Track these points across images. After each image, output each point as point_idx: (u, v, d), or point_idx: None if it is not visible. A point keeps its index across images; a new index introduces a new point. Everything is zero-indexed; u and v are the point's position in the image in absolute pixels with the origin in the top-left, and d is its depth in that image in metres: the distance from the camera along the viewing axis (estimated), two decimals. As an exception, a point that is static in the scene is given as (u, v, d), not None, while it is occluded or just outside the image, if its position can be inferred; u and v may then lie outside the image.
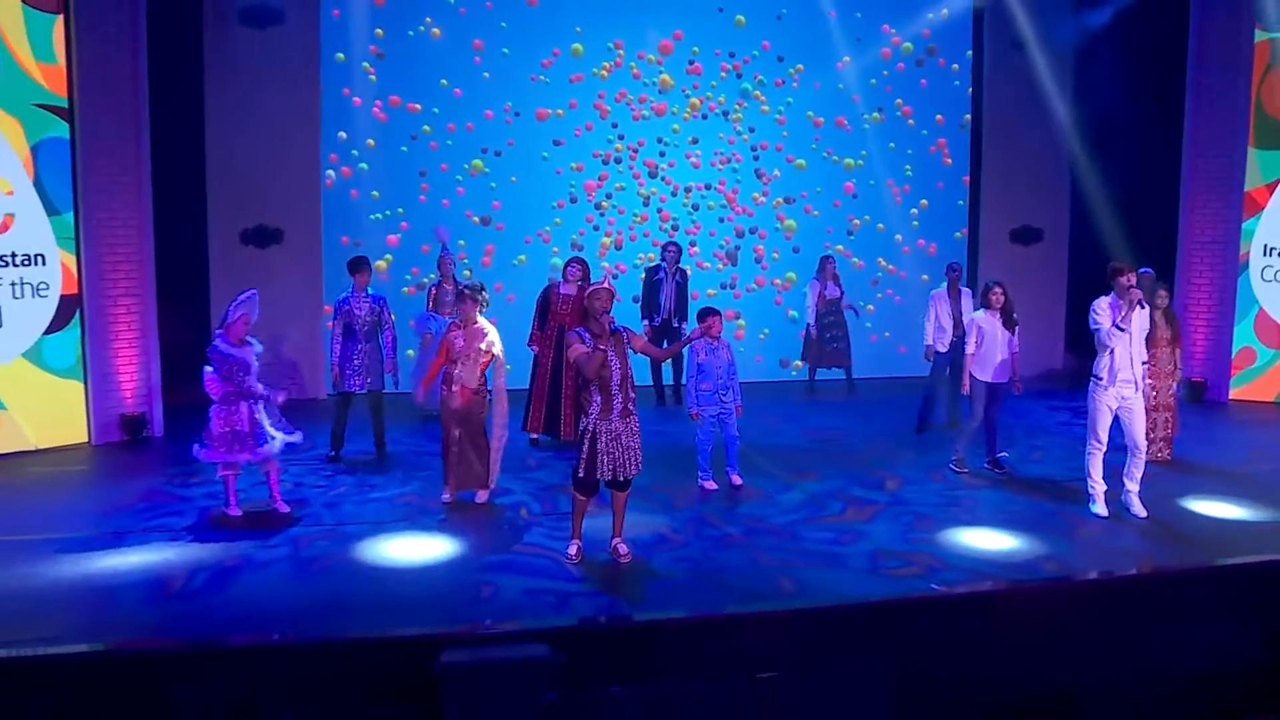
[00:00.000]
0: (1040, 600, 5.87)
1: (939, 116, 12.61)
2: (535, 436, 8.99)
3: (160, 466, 8.36)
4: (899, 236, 12.61)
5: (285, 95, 10.63)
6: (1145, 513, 7.02)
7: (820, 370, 11.97)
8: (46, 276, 8.72)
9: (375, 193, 11.20)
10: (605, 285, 6.13)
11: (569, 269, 8.80)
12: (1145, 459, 7.19)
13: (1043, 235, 12.60)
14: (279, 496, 7.11)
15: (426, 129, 11.35)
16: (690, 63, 12.04)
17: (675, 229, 12.01)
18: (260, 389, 6.89)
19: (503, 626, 5.24)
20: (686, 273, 10.94)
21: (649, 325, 10.60)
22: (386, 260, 11.13)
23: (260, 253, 10.78)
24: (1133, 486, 7.08)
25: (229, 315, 6.96)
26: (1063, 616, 5.81)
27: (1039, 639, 5.71)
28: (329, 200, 11.02)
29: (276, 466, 7.13)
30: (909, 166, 12.60)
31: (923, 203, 12.64)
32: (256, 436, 6.87)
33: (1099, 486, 7.10)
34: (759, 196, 12.39)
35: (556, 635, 5.04)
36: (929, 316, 9.47)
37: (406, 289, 11.15)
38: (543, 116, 11.63)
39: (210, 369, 6.90)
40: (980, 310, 8.17)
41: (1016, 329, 8.06)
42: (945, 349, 9.37)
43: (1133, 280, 6.86)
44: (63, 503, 7.49)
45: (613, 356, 6.03)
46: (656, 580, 6.03)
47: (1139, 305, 6.90)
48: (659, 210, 12.17)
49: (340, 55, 10.98)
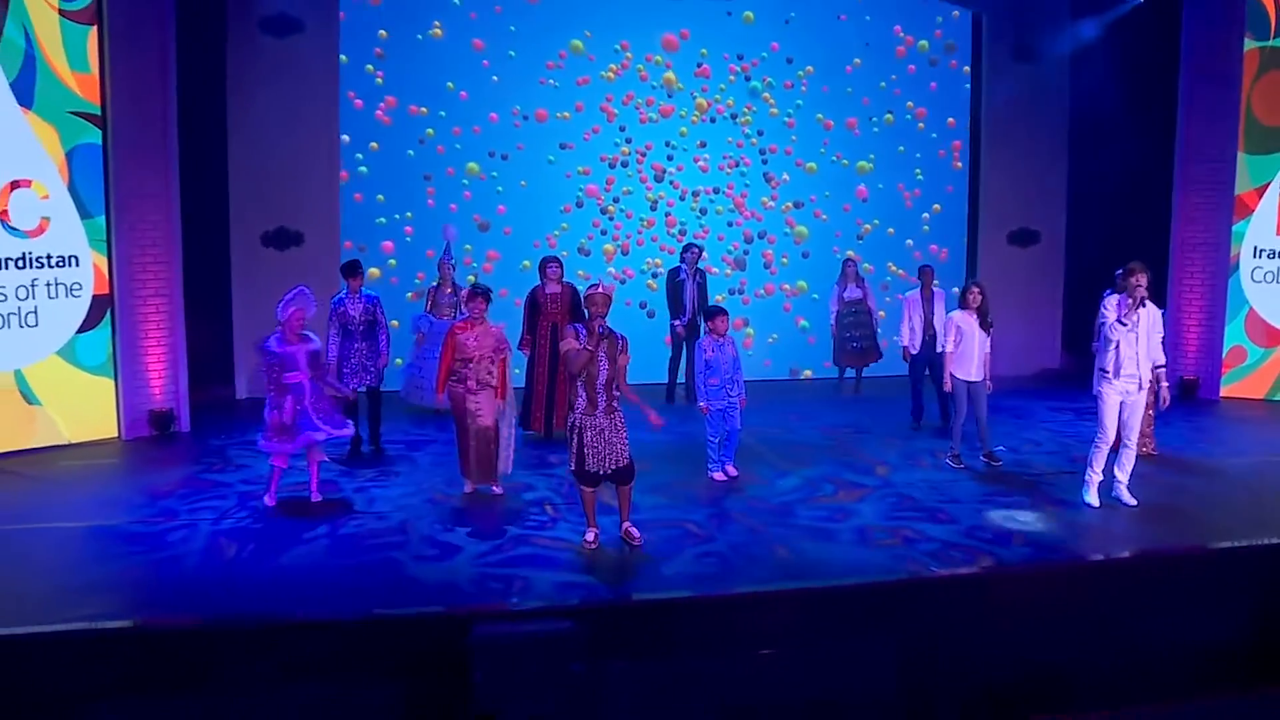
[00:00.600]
0: (1036, 581, 6.21)
1: (950, 120, 12.82)
2: (523, 430, 9.21)
3: (190, 459, 8.67)
4: (910, 241, 12.80)
5: (304, 101, 10.97)
6: (1135, 502, 7.34)
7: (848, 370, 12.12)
8: (79, 277, 9.05)
9: (380, 196, 11.46)
10: (600, 290, 6.44)
11: (549, 269, 9.05)
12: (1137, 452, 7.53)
13: (1040, 237, 12.91)
14: (316, 487, 7.43)
15: (430, 132, 11.56)
16: (698, 65, 12.17)
17: (683, 234, 12.17)
18: (306, 383, 7.18)
19: (528, 604, 5.55)
20: (705, 273, 11.22)
21: (679, 324, 10.87)
22: (382, 270, 11.36)
23: (280, 254, 11.11)
24: (1123, 478, 7.39)
25: (280, 314, 7.25)
26: (1057, 597, 6.17)
27: (1034, 618, 6.07)
28: (347, 204, 11.35)
29: (319, 458, 7.45)
30: (919, 170, 12.80)
31: (935, 207, 12.83)
32: (300, 426, 7.17)
33: (1095, 477, 7.38)
34: (768, 201, 12.56)
35: (579, 612, 5.40)
36: (904, 319, 9.78)
37: (410, 294, 11.17)
38: (542, 117, 11.75)
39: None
40: (957, 310, 8.48)
41: (990, 329, 8.37)
42: (917, 350, 9.70)
43: (1141, 280, 7.12)
44: (102, 493, 7.81)
45: (601, 357, 6.35)
46: (668, 561, 6.34)
47: (1142, 304, 7.18)
48: (666, 215, 12.33)
49: (344, 57, 11.23)
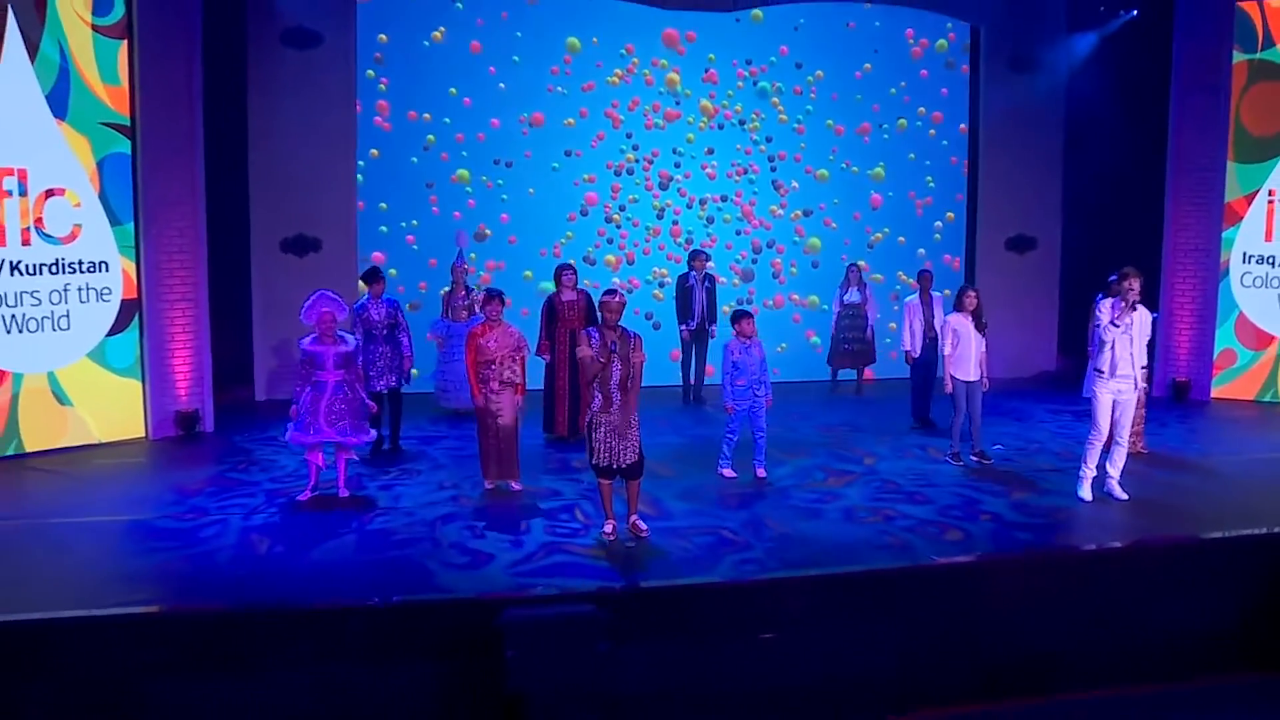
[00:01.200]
0: (1030, 569, 6.53)
1: (962, 126, 13.02)
2: (546, 434, 9.56)
3: (216, 459, 8.97)
4: (922, 250, 12.88)
5: (323, 112, 11.28)
6: (1126, 496, 7.67)
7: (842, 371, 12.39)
8: (109, 282, 9.37)
9: (383, 204, 11.66)
10: (617, 298, 6.80)
11: (564, 276, 9.32)
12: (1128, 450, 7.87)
13: (1036, 243, 13.22)
14: (343, 484, 7.74)
15: (431, 139, 11.72)
16: (706, 70, 12.21)
17: (689, 243, 12.25)
18: (331, 384, 7.49)
19: (554, 589, 5.88)
20: (715, 279, 11.47)
21: (685, 329, 11.14)
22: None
23: (299, 260, 11.42)
24: (1114, 474, 7.72)
25: (304, 318, 7.60)
26: (1052, 585, 6.49)
27: (1029, 605, 6.40)
28: (364, 211, 11.67)
29: (346, 455, 7.76)
30: (930, 178, 12.95)
31: (949, 215, 13.02)
32: (315, 422, 7.48)
33: (1089, 473, 7.70)
34: (776, 209, 12.65)
35: (603, 597, 5.72)
36: (905, 323, 10.07)
37: (410, 304, 11.22)
38: (538, 121, 11.83)
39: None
40: (955, 313, 8.81)
41: (985, 330, 8.72)
42: (918, 353, 9.99)
43: (1134, 285, 7.45)
44: (134, 490, 8.13)
45: (615, 361, 6.68)
46: (677, 548, 6.68)
47: (1134, 308, 7.52)
48: (674, 223, 12.39)
49: (370, 73, 11.55)
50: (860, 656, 6.01)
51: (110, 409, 9.44)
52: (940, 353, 8.91)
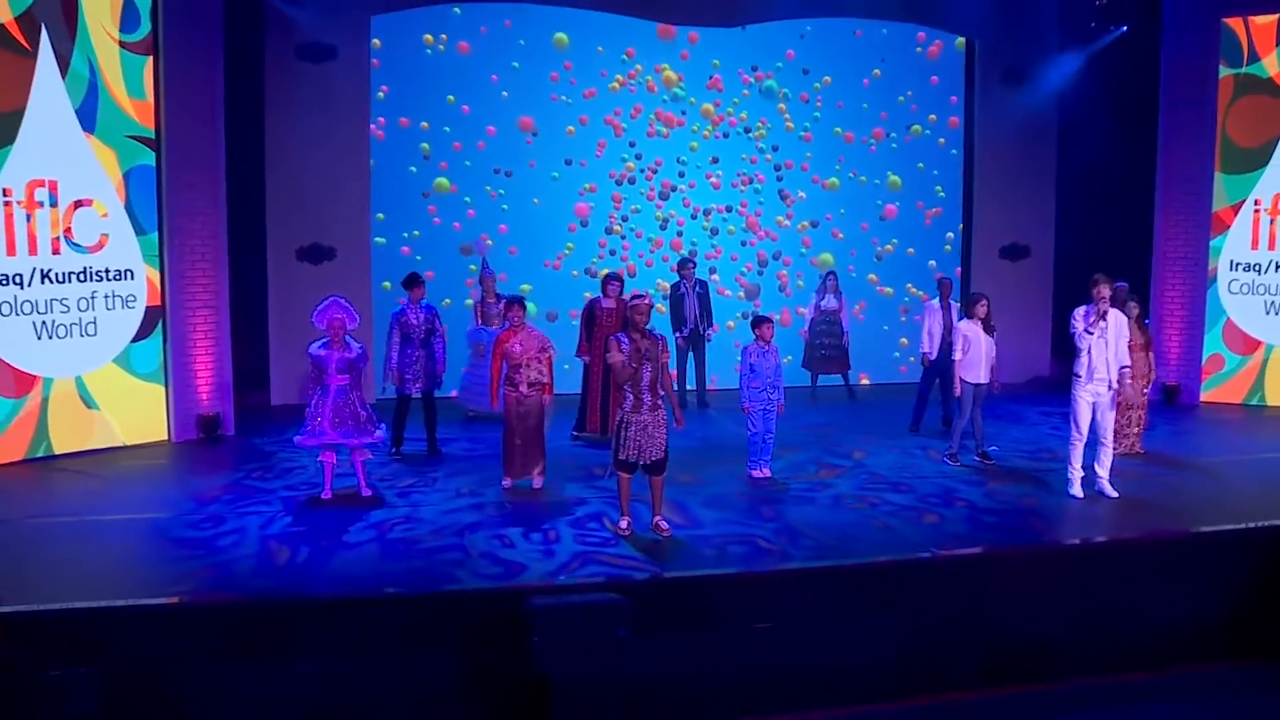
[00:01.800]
0: (1027, 564, 6.86)
1: (941, 140, 13.23)
2: (576, 434, 9.93)
3: (238, 461, 9.25)
4: (933, 262, 13.04)
5: (337, 124, 11.57)
6: (1116, 494, 8.01)
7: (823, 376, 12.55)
8: (134, 290, 9.67)
9: (380, 215, 11.85)
10: (646, 301, 7.14)
11: (608, 286, 9.71)
12: (1121, 451, 8.21)
13: (1030, 252, 13.53)
14: (364, 483, 8.05)
15: (425, 147, 11.86)
16: (710, 76, 12.15)
17: (693, 255, 12.14)
18: (334, 387, 7.77)
19: (576, 578, 6.19)
20: (706, 283, 11.62)
21: (679, 336, 11.37)
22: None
23: (314, 269, 11.73)
24: (1103, 473, 8.07)
25: (315, 322, 7.91)
26: (1046, 578, 6.83)
27: (1026, 597, 6.73)
28: (377, 221, 11.99)
29: (363, 456, 8.06)
30: (940, 187, 13.11)
31: (962, 226, 13.24)
32: (319, 426, 7.79)
33: (1077, 472, 8.06)
34: (783, 220, 12.69)
35: (622, 587, 6.04)
36: (924, 327, 10.42)
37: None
38: (526, 125, 11.85)
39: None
40: (965, 320, 9.18)
41: (994, 334, 9.08)
42: (935, 356, 10.29)
43: (1104, 292, 7.83)
44: (162, 490, 8.43)
45: (646, 364, 7.01)
46: (689, 544, 7.01)
47: (1104, 317, 7.85)
48: (678, 234, 12.37)
49: (382, 92, 11.75)
50: (865, 645, 6.34)
51: (135, 412, 9.73)
52: (952, 357, 9.26)
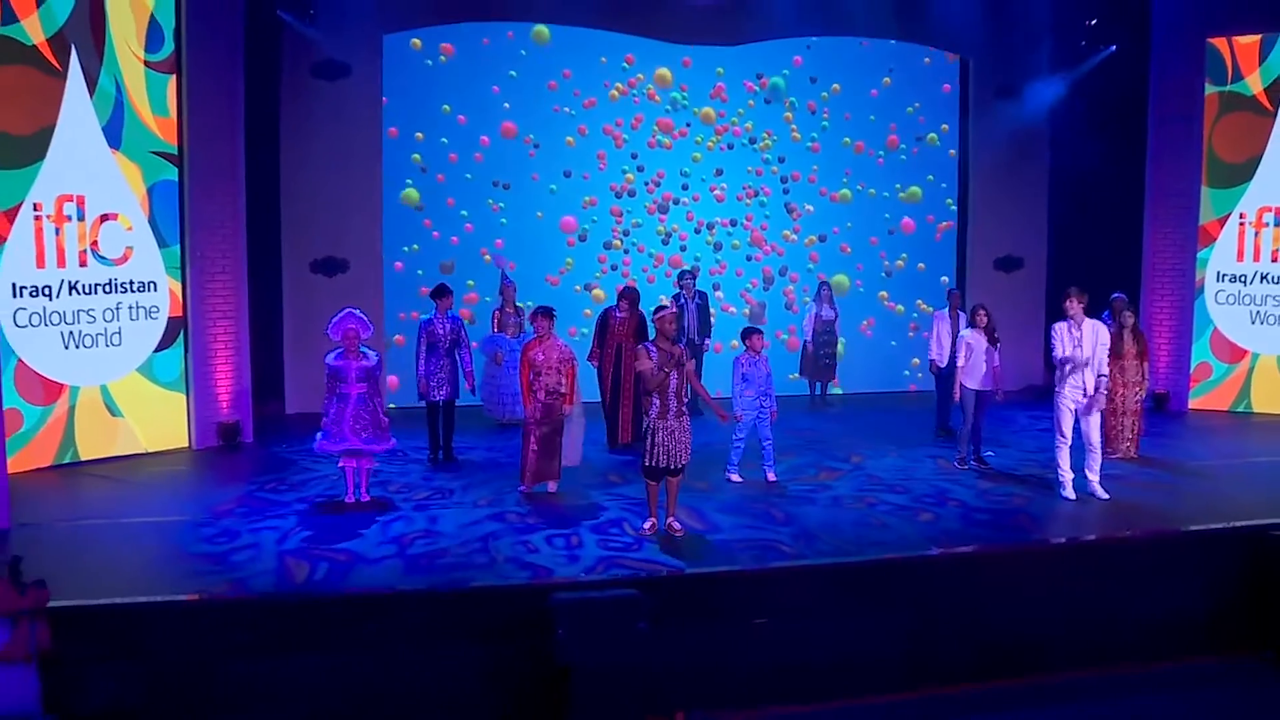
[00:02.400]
0: (1022, 562, 7.20)
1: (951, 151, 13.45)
2: (610, 447, 10.14)
3: (258, 468, 9.52)
4: (945, 278, 13.16)
5: (350, 140, 11.91)
6: (1107, 496, 8.36)
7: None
8: (157, 301, 9.97)
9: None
10: (671, 310, 7.50)
11: (622, 300, 10.15)
12: (1117, 456, 8.68)
13: (1023, 263, 13.85)
14: (364, 488, 8.28)
15: (416, 158, 12.04)
16: (714, 84, 12.10)
17: (695, 270, 12.07)
18: (354, 396, 8.06)
19: (597, 575, 6.51)
20: (706, 294, 11.78)
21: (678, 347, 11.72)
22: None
23: (328, 280, 12.03)
24: (1093, 476, 8.43)
25: (330, 333, 8.21)
26: (1036, 573, 7.16)
27: (1021, 593, 7.06)
28: (389, 234, 12.30)
29: (368, 465, 8.31)
30: (951, 200, 13.29)
31: (957, 237, 13.41)
32: (342, 432, 8.08)
33: (1066, 475, 8.41)
34: (789, 234, 12.69)
35: (642, 584, 6.36)
36: (933, 335, 10.77)
37: (396, 338, 11.52)
38: (510, 131, 11.90)
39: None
40: (969, 329, 9.54)
41: (998, 345, 9.42)
42: (945, 364, 10.62)
43: (1073, 305, 8.25)
44: (186, 493, 8.74)
45: (673, 371, 7.32)
46: (705, 543, 7.35)
47: (1079, 326, 8.25)
48: (681, 248, 12.34)
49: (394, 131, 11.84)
50: (870, 638, 6.66)
51: (157, 420, 10.01)
52: (956, 364, 9.59)
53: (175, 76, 9.94)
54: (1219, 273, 12.15)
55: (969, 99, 13.60)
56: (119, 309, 9.70)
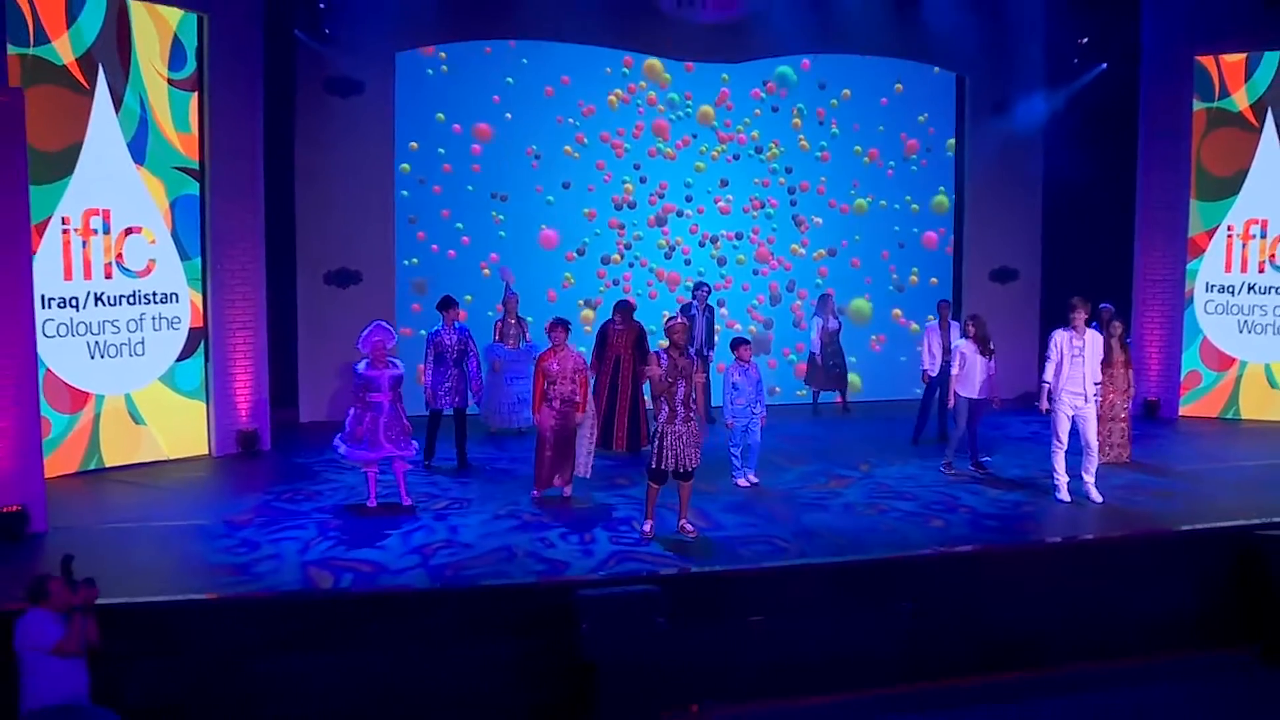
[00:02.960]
0: (1021, 561, 7.51)
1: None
2: (599, 450, 10.44)
3: (277, 475, 9.77)
4: (934, 279, 13.35)
5: (363, 154, 12.18)
6: (1101, 499, 8.67)
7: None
8: (179, 312, 10.25)
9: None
10: (681, 321, 7.79)
11: (616, 313, 10.47)
12: (1110, 460, 8.99)
13: (1018, 275, 14.15)
14: (405, 493, 8.60)
15: (405, 168, 12.12)
16: (718, 90, 12.01)
17: (708, 290, 11.81)
18: (386, 404, 8.36)
19: (615, 572, 6.81)
20: (714, 308, 12.01)
21: None
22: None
23: (341, 291, 12.30)
24: (1089, 479, 8.74)
25: (360, 345, 8.50)
26: (1034, 572, 7.47)
27: (1020, 591, 7.36)
28: (402, 247, 12.59)
29: (402, 468, 8.62)
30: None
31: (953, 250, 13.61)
32: (376, 440, 8.38)
33: (1062, 479, 8.74)
34: (798, 247, 12.66)
35: (657, 581, 6.65)
36: (924, 345, 11.07)
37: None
38: (485, 132, 11.99)
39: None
40: (963, 339, 9.86)
41: (993, 355, 9.73)
42: (936, 373, 10.94)
43: (1077, 315, 8.56)
44: (207, 498, 9.02)
45: (681, 379, 7.61)
46: (716, 544, 7.66)
47: (1081, 334, 8.57)
48: (685, 262, 12.27)
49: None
50: (873, 634, 6.96)
51: (178, 428, 10.29)
52: (950, 373, 9.91)
53: (197, 94, 10.25)
54: (1208, 283, 12.50)
55: (965, 114, 13.89)
56: (142, 320, 9.97)
